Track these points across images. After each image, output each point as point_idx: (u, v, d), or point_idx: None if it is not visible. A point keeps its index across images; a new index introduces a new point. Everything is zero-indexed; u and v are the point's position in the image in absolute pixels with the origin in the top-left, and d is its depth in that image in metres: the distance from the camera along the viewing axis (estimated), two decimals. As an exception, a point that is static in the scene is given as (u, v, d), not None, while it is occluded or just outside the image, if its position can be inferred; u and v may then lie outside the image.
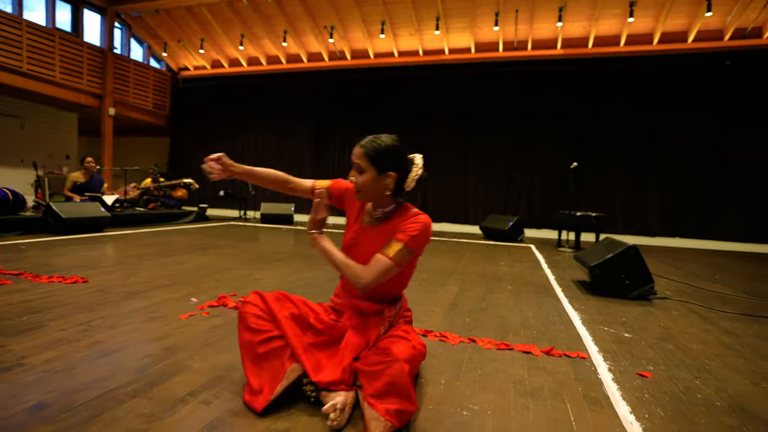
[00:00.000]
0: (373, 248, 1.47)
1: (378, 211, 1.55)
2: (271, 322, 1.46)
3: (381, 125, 11.08)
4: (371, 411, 1.23)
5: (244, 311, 1.48)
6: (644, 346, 2.11)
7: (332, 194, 1.65)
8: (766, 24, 8.58)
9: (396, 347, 1.34)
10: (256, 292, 1.55)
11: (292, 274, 3.50)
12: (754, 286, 3.87)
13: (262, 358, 1.40)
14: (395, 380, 1.24)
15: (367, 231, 1.55)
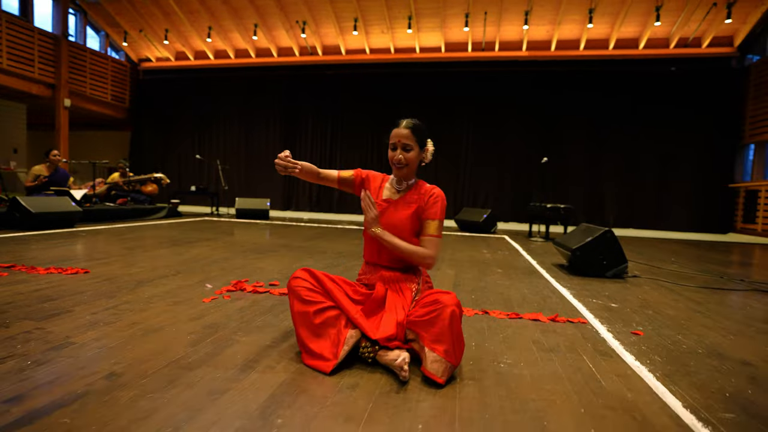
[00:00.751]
0: (399, 216, 1.72)
1: (403, 184, 1.81)
2: (322, 294, 1.59)
3: (352, 121, 11.20)
4: (432, 354, 1.40)
5: (296, 285, 1.60)
6: (629, 313, 2.40)
7: (355, 182, 1.89)
8: (705, 35, 9.46)
9: (441, 297, 1.51)
10: (304, 269, 1.67)
11: (293, 263, 3.58)
12: (703, 266, 4.36)
13: (318, 327, 1.53)
14: (449, 323, 1.41)
15: (392, 204, 1.77)
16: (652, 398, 1.37)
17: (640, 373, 1.55)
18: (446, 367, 1.38)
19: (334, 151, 11.44)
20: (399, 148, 1.72)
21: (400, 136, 1.72)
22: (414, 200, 1.76)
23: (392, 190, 1.82)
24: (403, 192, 1.80)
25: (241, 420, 1.12)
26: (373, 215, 1.65)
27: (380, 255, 1.77)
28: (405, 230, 1.72)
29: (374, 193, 1.83)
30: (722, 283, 3.43)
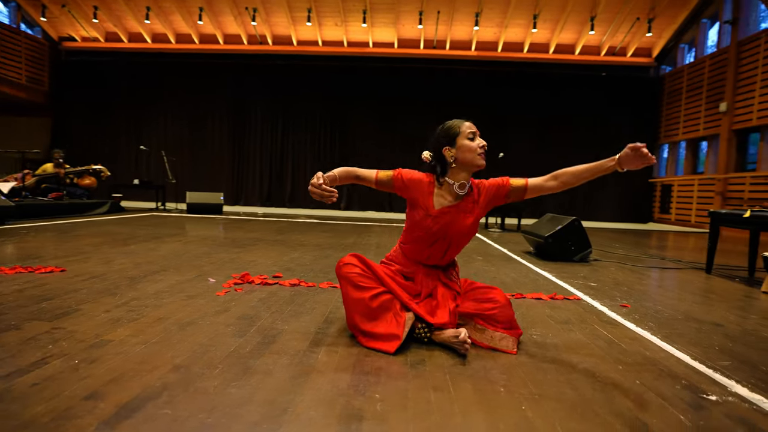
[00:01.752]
0: (461, 225, 1.67)
1: (466, 187, 1.71)
2: (374, 280, 1.65)
3: (303, 112, 11.02)
4: (499, 334, 1.57)
5: (348, 272, 1.64)
6: (609, 290, 2.72)
7: (394, 185, 1.72)
8: (628, 45, 10.54)
9: (496, 295, 1.65)
10: (353, 254, 1.71)
11: (282, 256, 3.54)
12: (643, 250, 4.97)
13: (375, 311, 1.60)
14: (508, 318, 1.59)
15: (453, 210, 1.68)
16: (666, 354, 1.61)
17: (646, 336, 1.81)
18: (514, 340, 1.58)
19: (285, 145, 11.19)
20: (479, 137, 1.68)
21: (474, 126, 1.71)
22: (469, 208, 1.70)
23: (448, 197, 1.70)
24: (463, 195, 1.70)
25: (342, 397, 1.17)
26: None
27: (431, 258, 1.75)
28: (465, 236, 1.72)
29: (423, 200, 1.69)
30: (665, 264, 3.95)
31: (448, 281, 1.78)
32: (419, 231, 1.70)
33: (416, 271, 1.78)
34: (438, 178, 1.71)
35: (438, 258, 1.76)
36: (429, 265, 1.78)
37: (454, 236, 1.70)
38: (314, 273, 2.90)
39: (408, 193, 1.73)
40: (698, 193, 9.16)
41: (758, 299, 2.66)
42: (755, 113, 7.82)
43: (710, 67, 9.02)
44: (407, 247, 1.80)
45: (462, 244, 1.76)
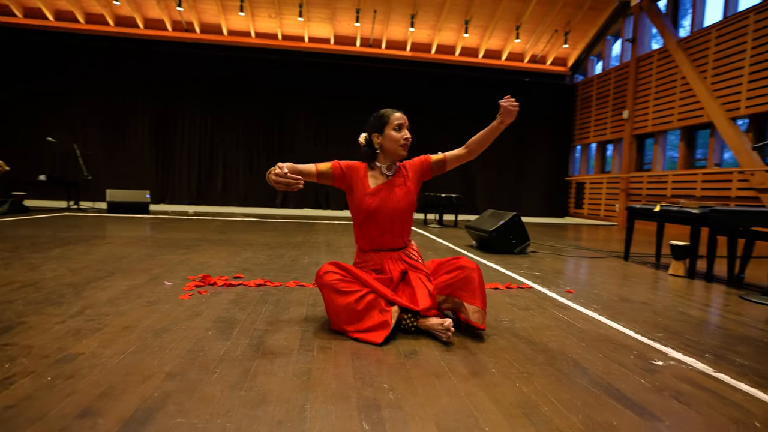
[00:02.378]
0: (397, 197, 1.84)
1: (393, 168, 1.89)
2: (356, 283, 1.70)
3: (235, 106, 10.54)
4: (472, 307, 1.67)
5: (330, 280, 1.67)
6: (553, 278, 3.02)
7: (334, 174, 1.83)
8: (548, 55, 11.51)
9: (463, 262, 1.77)
10: (331, 263, 1.74)
11: (234, 255, 3.40)
12: (567, 242, 5.52)
13: (362, 312, 1.64)
14: (479, 281, 1.71)
15: (385, 187, 1.84)
16: (615, 331, 1.86)
17: (595, 317, 2.06)
18: (483, 315, 1.68)
19: (216, 140, 10.61)
20: (405, 129, 1.83)
21: (405, 118, 1.85)
22: (400, 182, 1.88)
23: (380, 177, 1.87)
24: (392, 175, 1.88)
25: (353, 390, 1.21)
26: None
27: (383, 239, 1.86)
28: (406, 208, 1.86)
29: (361, 181, 1.86)
30: (590, 253, 4.44)
31: (412, 261, 1.87)
32: (362, 212, 1.82)
33: (381, 261, 1.87)
34: (369, 162, 1.88)
35: (390, 235, 1.85)
36: (388, 248, 1.87)
37: (394, 209, 1.83)
38: (275, 272, 2.85)
39: (346, 180, 1.86)
40: (606, 190, 10.31)
41: (667, 280, 3.12)
42: (650, 121, 9.00)
43: (615, 78, 10.18)
44: (361, 239, 1.90)
45: (406, 217, 1.87)
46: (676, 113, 8.32)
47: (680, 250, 3.21)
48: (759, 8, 6.84)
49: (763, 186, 6.47)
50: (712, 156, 7.67)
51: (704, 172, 7.60)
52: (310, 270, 2.99)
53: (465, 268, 1.74)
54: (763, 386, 1.36)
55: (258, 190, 10.69)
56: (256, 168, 10.74)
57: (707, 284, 3.02)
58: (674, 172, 8.24)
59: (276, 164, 1.62)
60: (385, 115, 1.84)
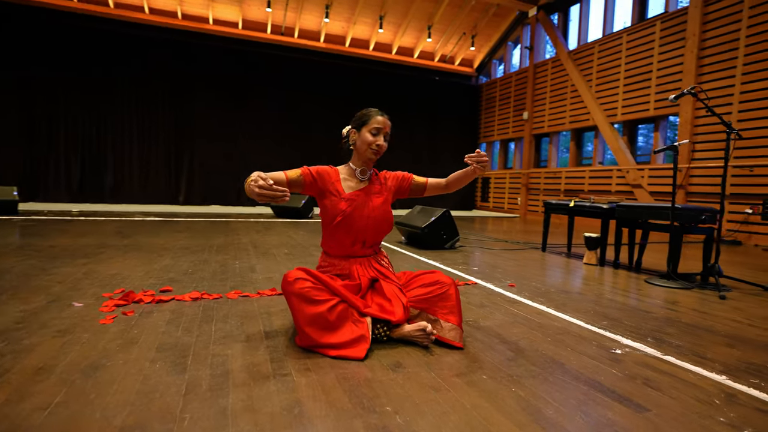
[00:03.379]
0: (374, 205, 1.76)
1: (367, 174, 1.80)
2: (327, 291, 1.57)
3: (125, 89, 9.32)
4: (447, 324, 1.62)
5: (301, 288, 1.52)
6: (491, 273, 3.16)
7: (305, 181, 1.70)
8: (456, 55, 12.11)
9: (440, 277, 1.73)
10: (300, 269, 1.59)
11: (150, 264, 2.96)
12: (486, 234, 5.89)
13: (335, 323, 1.52)
14: (455, 298, 1.67)
15: (362, 194, 1.76)
16: (568, 323, 1.99)
17: (545, 310, 2.19)
18: (461, 333, 1.63)
19: (102, 127, 9.23)
20: (382, 135, 1.74)
21: (387, 124, 1.75)
22: (377, 190, 1.81)
23: (355, 181, 1.79)
24: (367, 181, 1.81)
25: (357, 419, 1.09)
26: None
27: (354, 248, 1.76)
28: (381, 219, 1.78)
29: (334, 187, 1.74)
30: (512, 246, 4.77)
31: (383, 268, 1.80)
32: (335, 218, 1.71)
33: (347, 265, 1.77)
34: (346, 160, 1.83)
35: (362, 243, 1.77)
36: (358, 255, 1.78)
37: (370, 218, 1.74)
38: (208, 282, 2.54)
39: (317, 185, 1.74)
40: (509, 184, 11.24)
41: (585, 269, 3.46)
42: (546, 122, 10.00)
43: (516, 82, 11.10)
44: (331, 243, 1.79)
45: (381, 227, 1.78)
46: (567, 116, 9.35)
47: (592, 241, 3.59)
48: (630, 30, 7.96)
49: (636, 182, 7.59)
50: (596, 155, 8.79)
51: (591, 169, 8.68)
52: (247, 277, 2.73)
53: (443, 284, 1.69)
54: (703, 364, 1.55)
55: (157, 185, 9.59)
56: (153, 161, 9.60)
57: (615, 270, 3.42)
58: (566, 169, 9.27)
59: (255, 174, 1.45)
60: (368, 114, 1.74)
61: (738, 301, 2.53)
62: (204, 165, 9.89)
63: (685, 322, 2.09)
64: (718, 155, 6.34)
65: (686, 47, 6.87)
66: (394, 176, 1.89)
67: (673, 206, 2.87)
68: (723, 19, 6.43)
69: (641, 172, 7.55)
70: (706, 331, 1.95)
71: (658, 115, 7.42)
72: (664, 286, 2.83)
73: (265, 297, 2.26)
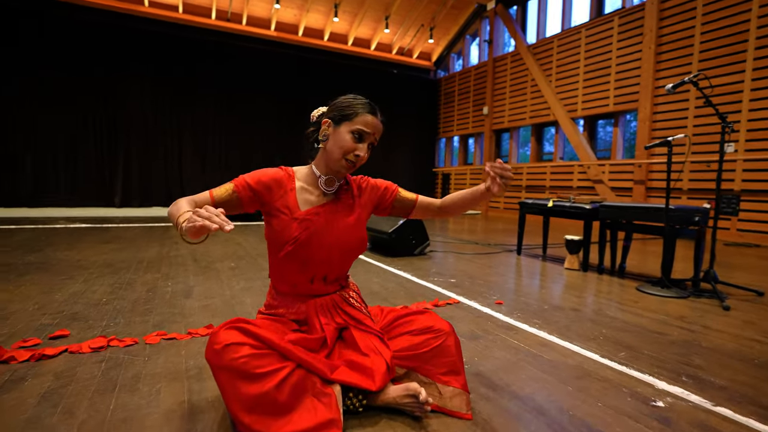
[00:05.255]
0: (343, 225, 1.27)
1: (335, 185, 1.30)
2: (274, 356, 1.08)
3: (41, 75, 8.18)
4: (449, 389, 1.20)
5: (234, 358, 1.02)
6: (471, 285, 2.78)
7: (242, 200, 1.20)
8: (414, 48, 11.78)
9: (434, 322, 1.29)
10: (231, 325, 1.08)
11: (53, 291, 2.32)
12: (454, 235, 5.57)
13: (288, 401, 1.04)
14: (456, 351, 1.25)
15: (326, 211, 1.26)
16: (582, 358, 1.62)
17: (549, 339, 1.82)
18: (467, 398, 1.21)
19: (20, 118, 8.03)
20: (367, 143, 1.24)
21: (378, 128, 1.24)
22: (349, 204, 1.32)
23: (318, 193, 1.28)
24: (332, 194, 1.31)
25: None
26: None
27: (313, 286, 1.27)
28: (351, 244, 1.29)
29: (283, 202, 1.23)
30: (483, 249, 4.45)
31: (353, 310, 1.33)
32: (284, 246, 1.21)
33: (305, 309, 1.29)
34: (308, 160, 1.32)
35: (322, 279, 1.29)
36: (318, 294, 1.30)
37: (334, 246, 1.25)
38: (125, 317, 1.97)
39: (261, 200, 1.23)
40: (470, 180, 11.08)
41: (568, 276, 3.18)
42: (506, 117, 9.89)
43: (475, 76, 10.92)
44: (278, 277, 1.30)
45: (350, 254, 1.31)
46: (528, 111, 9.27)
47: (574, 244, 3.32)
48: (588, 25, 7.94)
49: (597, 177, 7.59)
50: (557, 150, 8.76)
51: (552, 164, 8.64)
52: (179, 306, 2.17)
53: (438, 332, 1.25)
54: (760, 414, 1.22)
55: (88, 184, 8.52)
56: (82, 157, 8.51)
57: (600, 276, 3.16)
58: (528, 165, 9.20)
59: (188, 213, 0.95)
60: (353, 106, 1.22)
61: (742, 312, 2.31)
62: (142, 164, 8.91)
63: (707, 346, 1.79)
64: (676, 150, 6.38)
65: (644, 42, 6.89)
66: (374, 186, 1.39)
67: (667, 206, 2.63)
68: (679, 15, 6.47)
69: (602, 168, 7.55)
70: (739, 360, 1.66)
71: (618, 111, 7.44)
72: (659, 296, 2.58)
73: (197, 339, 1.74)
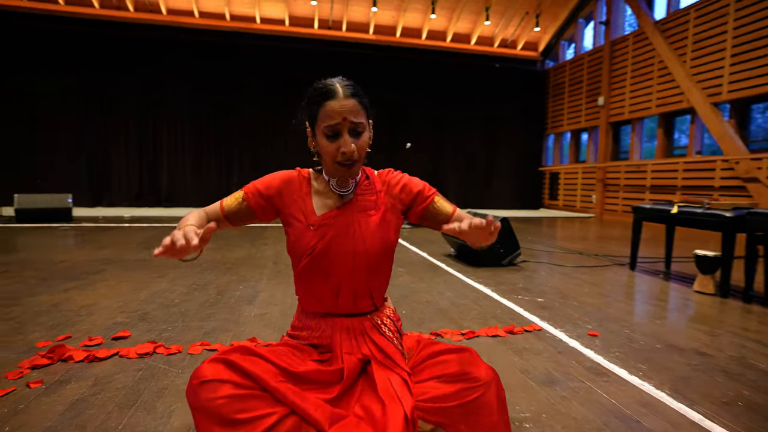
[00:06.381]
0: (366, 224, 1.04)
1: (350, 184, 1.07)
2: (262, 397, 0.88)
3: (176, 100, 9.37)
4: None
5: (211, 399, 0.83)
6: (562, 308, 2.33)
7: (253, 210, 1.07)
8: (518, 39, 10.95)
9: (473, 368, 0.99)
10: (214, 360, 0.88)
11: (139, 290, 2.52)
12: (555, 243, 4.92)
13: None
14: (498, 408, 0.94)
15: (343, 215, 1.05)
16: (685, 419, 1.16)
17: (657, 396, 1.36)
18: None
19: (159, 130, 9.39)
20: (345, 133, 0.98)
21: (344, 110, 0.98)
22: (372, 201, 1.08)
23: (332, 196, 1.08)
24: (350, 194, 1.08)
25: None
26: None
27: (340, 301, 1.06)
28: (376, 253, 1.04)
29: (297, 208, 1.06)
30: (588, 260, 3.82)
31: (383, 339, 1.07)
32: (302, 257, 1.02)
33: (330, 332, 1.07)
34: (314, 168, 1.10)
35: (350, 295, 1.06)
36: (346, 313, 1.08)
37: (358, 252, 1.02)
38: (184, 322, 2.01)
39: (275, 207, 1.07)
40: (582, 180, 9.90)
41: (699, 302, 2.50)
42: (627, 107, 8.58)
43: (588, 63, 9.73)
44: (302, 294, 1.11)
45: (379, 267, 1.06)
46: (654, 99, 7.91)
47: (709, 262, 2.60)
48: (740, -14, 6.44)
49: (749, 175, 6.11)
50: (693, 143, 7.31)
51: (685, 160, 7.23)
52: (237, 311, 2.17)
53: (474, 382, 0.93)
54: None
55: (208, 186, 9.61)
56: (204, 163, 9.64)
57: (747, 305, 2.42)
58: (653, 161, 7.85)
59: (188, 231, 0.82)
60: (314, 100, 1.01)
61: None
62: (256, 169, 9.77)
63: None
64: None
65: (824, 0, 5.33)
66: (405, 185, 1.10)
67: None
68: None
69: (758, 163, 6.05)
70: None
71: (782, 91, 5.89)
72: (844, 342, 1.83)
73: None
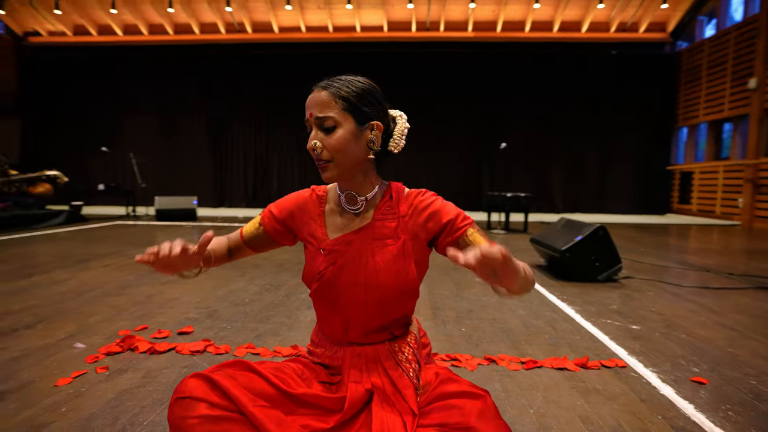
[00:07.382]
0: (380, 254, 0.90)
1: (357, 202, 0.95)
2: (238, 422, 0.78)
3: (289, 108, 10.15)
4: None
5: (183, 417, 0.76)
6: (662, 340, 1.90)
7: (270, 235, 1.02)
8: (641, 20, 9.57)
9: (474, 414, 0.78)
10: (196, 375, 0.82)
11: (218, 287, 2.74)
12: (676, 255, 4.12)
13: None
14: None
15: (358, 240, 0.92)
16: None
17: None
18: None
19: (272, 146, 10.34)
20: (314, 127, 0.91)
21: (311, 104, 0.92)
22: (391, 229, 0.93)
23: (346, 215, 0.96)
24: (362, 211, 0.96)
25: None
26: None
27: (350, 331, 0.95)
28: (392, 286, 0.89)
29: (309, 230, 0.98)
30: (717, 280, 3.11)
31: (396, 371, 0.92)
32: (311, 281, 0.94)
33: (342, 354, 0.97)
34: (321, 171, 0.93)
35: (360, 328, 0.93)
36: (359, 342, 0.95)
37: (370, 285, 0.89)
38: (243, 322, 2.10)
39: (290, 230, 1.01)
40: (723, 181, 8.25)
41: None
42: (791, 89, 6.90)
43: (736, 39, 8.06)
44: (318, 316, 1.02)
45: (391, 302, 0.91)
46: (832, 77, 6.22)
47: None
48: None
49: None
50: None
51: None
52: (295, 315, 2.21)
53: (466, 422, 0.76)
54: None
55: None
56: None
57: None
58: (830, 156, 6.17)
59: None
60: None
61: None
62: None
63: None
64: None
65: None
66: (435, 212, 0.94)
67: None
68: None
69: None
70: None
71: None
72: None
73: (277, 359, 1.68)
